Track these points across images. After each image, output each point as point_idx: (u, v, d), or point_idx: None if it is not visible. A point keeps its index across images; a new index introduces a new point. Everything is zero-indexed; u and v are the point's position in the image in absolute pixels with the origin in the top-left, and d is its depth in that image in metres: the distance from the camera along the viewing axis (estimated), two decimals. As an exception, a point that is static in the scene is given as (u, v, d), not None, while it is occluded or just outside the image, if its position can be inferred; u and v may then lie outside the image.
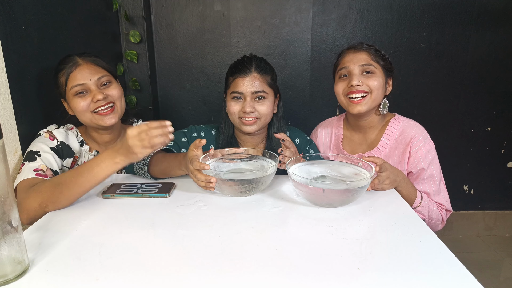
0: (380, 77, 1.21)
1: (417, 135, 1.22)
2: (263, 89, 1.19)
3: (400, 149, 1.24)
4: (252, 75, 1.18)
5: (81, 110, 1.17)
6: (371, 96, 1.20)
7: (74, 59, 1.18)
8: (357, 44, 1.24)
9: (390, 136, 1.26)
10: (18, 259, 0.65)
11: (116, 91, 1.22)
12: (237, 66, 1.22)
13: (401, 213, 0.90)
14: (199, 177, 0.94)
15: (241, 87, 1.18)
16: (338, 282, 0.63)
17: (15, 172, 1.16)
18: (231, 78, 1.22)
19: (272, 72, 1.25)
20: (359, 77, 1.20)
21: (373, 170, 0.95)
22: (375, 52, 1.22)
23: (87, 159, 1.25)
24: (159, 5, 1.93)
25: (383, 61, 1.22)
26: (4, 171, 0.62)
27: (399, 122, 1.28)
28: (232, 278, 0.64)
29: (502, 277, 1.97)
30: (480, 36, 2.00)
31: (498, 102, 2.12)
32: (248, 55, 1.25)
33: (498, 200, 2.32)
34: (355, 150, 1.33)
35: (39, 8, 1.27)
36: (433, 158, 1.22)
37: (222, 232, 0.81)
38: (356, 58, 1.21)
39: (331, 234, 0.80)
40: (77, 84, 1.15)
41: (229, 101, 1.23)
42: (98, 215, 0.90)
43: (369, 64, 1.20)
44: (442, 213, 1.24)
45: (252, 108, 1.18)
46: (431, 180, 1.21)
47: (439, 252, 0.72)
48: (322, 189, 0.90)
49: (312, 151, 1.35)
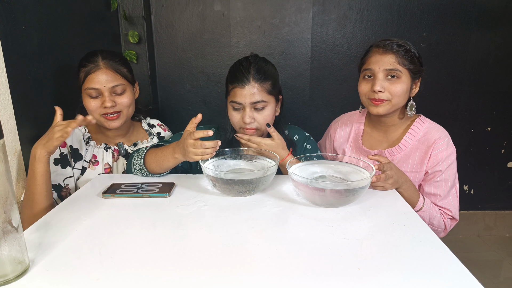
0: (405, 82, 1.18)
1: (441, 138, 1.21)
2: (262, 98, 1.16)
3: (422, 150, 1.23)
4: (250, 85, 1.14)
5: (90, 110, 1.23)
6: (391, 102, 1.19)
7: (97, 60, 1.21)
8: (387, 43, 1.18)
9: (413, 136, 1.25)
10: (18, 259, 0.65)
11: (127, 100, 1.26)
12: (235, 74, 1.17)
13: (402, 213, 0.91)
14: (197, 145, 1.00)
15: (239, 98, 1.15)
16: (339, 282, 0.63)
17: (15, 172, 1.16)
18: (230, 86, 1.19)
19: (273, 76, 1.20)
20: (382, 82, 1.17)
21: (374, 170, 0.95)
22: (404, 54, 1.16)
23: (97, 153, 1.30)
24: (159, 5, 1.93)
25: (412, 64, 1.17)
26: (5, 171, 0.62)
27: (424, 123, 1.26)
28: (232, 278, 0.64)
29: (502, 277, 1.97)
30: (480, 36, 2.00)
31: (498, 102, 2.12)
32: (249, 57, 1.22)
33: (498, 200, 2.32)
34: (375, 146, 1.32)
35: (39, 8, 1.27)
36: (452, 163, 1.21)
37: (222, 232, 0.81)
38: (382, 60, 1.17)
39: (332, 234, 0.79)
40: (92, 87, 1.20)
41: (229, 109, 1.21)
42: (98, 215, 0.90)
43: (395, 69, 1.16)
44: (446, 221, 1.22)
45: (252, 118, 1.16)
46: (443, 184, 1.21)
47: (440, 252, 0.72)
48: (322, 189, 0.90)
49: (309, 146, 1.34)
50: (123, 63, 1.27)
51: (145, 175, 1.14)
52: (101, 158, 1.30)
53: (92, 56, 1.22)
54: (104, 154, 1.30)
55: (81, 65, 1.22)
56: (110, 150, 1.31)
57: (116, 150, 1.32)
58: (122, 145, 1.33)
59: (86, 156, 1.28)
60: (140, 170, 1.13)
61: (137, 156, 1.15)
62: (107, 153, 1.31)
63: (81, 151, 1.27)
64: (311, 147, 1.35)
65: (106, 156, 1.30)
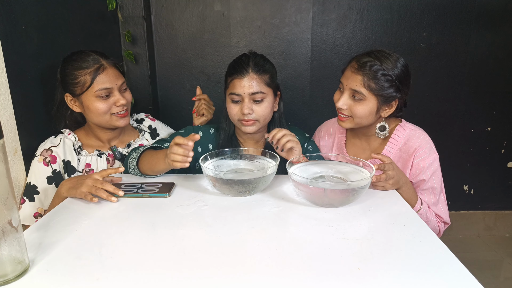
0: (368, 105, 1.14)
1: (421, 145, 1.19)
2: (261, 89, 1.17)
3: (404, 159, 1.21)
4: (249, 76, 1.16)
5: (101, 112, 1.19)
6: (354, 120, 1.18)
7: (98, 60, 1.18)
8: (362, 61, 1.13)
9: (394, 145, 1.23)
10: (18, 259, 0.65)
11: (130, 96, 1.27)
12: (234, 66, 1.20)
13: (402, 213, 0.91)
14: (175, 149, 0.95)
15: (238, 88, 1.17)
16: (338, 282, 0.63)
17: (15, 172, 1.16)
18: (229, 79, 1.21)
19: (271, 70, 1.22)
20: (346, 100, 1.16)
21: (373, 170, 0.95)
22: (379, 77, 1.10)
23: (90, 161, 1.26)
24: (159, 5, 1.93)
25: (382, 90, 1.11)
26: (5, 171, 0.62)
27: (404, 130, 1.23)
28: (232, 278, 0.64)
29: (502, 277, 1.97)
30: (480, 36, 2.00)
31: (498, 102, 2.12)
32: (247, 53, 1.23)
33: (498, 200, 2.32)
34: (358, 155, 1.30)
35: (39, 8, 1.27)
36: (436, 170, 1.19)
37: (222, 232, 0.81)
38: (351, 78, 1.14)
39: (331, 234, 0.79)
40: (104, 87, 1.17)
41: (228, 102, 1.22)
42: (98, 215, 0.90)
43: (359, 91, 1.13)
44: (440, 225, 1.23)
45: (250, 110, 1.17)
46: (431, 192, 1.20)
47: (440, 252, 0.72)
48: (322, 189, 0.90)
49: (311, 147, 1.34)
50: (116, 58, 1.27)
51: (138, 175, 1.14)
52: (95, 166, 1.26)
53: (88, 57, 1.17)
54: (98, 161, 1.27)
55: (79, 68, 1.16)
56: (104, 156, 1.28)
57: (111, 154, 1.30)
58: (116, 149, 1.30)
59: (79, 166, 1.25)
60: (134, 170, 1.13)
61: (133, 156, 1.14)
62: (101, 159, 1.27)
63: (73, 163, 1.24)
64: (313, 148, 1.35)
65: (101, 163, 1.27)
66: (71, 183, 1.01)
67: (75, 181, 1.01)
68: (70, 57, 1.20)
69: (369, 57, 1.13)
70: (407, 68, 1.15)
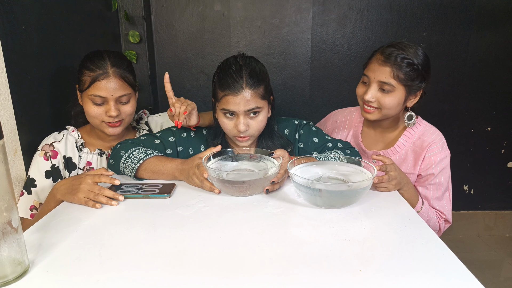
0: (397, 96, 1.16)
1: (435, 141, 1.21)
2: (257, 104, 1.09)
3: (416, 152, 1.23)
4: (244, 92, 1.07)
5: (91, 116, 1.20)
6: (381, 112, 1.20)
7: (106, 67, 1.16)
8: (389, 52, 1.14)
9: (408, 138, 1.25)
10: (18, 260, 0.65)
11: (130, 109, 1.24)
12: (226, 80, 1.09)
13: (403, 214, 0.90)
14: (205, 183, 1.04)
15: (233, 106, 1.08)
16: (340, 283, 0.63)
17: (15, 172, 1.15)
18: (220, 93, 1.10)
19: (265, 77, 1.13)
20: (375, 91, 1.18)
21: (375, 171, 0.95)
22: (403, 69, 1.13)
23: (91, 159, 1.27)
24: (159, 5, 1.93)
25: (410, 80, 1.14)
26: (5, 172, 0.62)
27: (420, 126, 1.26)
28: (233, 279, 0.64)
29: (502, 277, 1.97)
30: (480, 36, 2.00)
31: (498, 102, 2.12)
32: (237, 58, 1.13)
33: (498, 200, 2.32)
34: (371, 146, 1.32)
35: (39, 8, 1.26)
36: (445, 167, 1.22)
37: (223, 233, 0.80)
38: (379, 71, 1.16)
39: (333, 235, 0.79)
40: (98, 95, 1.16)
41: (220, 115, 1.14)
42: (98, 216, 0.90)
43: (388, 83, 1.14)
44: (441, 223, 1.23)
45: (246, 126, 1.11)
46: (436, 187, 1.21)
47: (441, 254, 0.72)
48: (323, 190, 0.89)
49: (302, 131, 1.26)
50: (130, 70, 1.23)
51: (131, 177, 1.13)
52: (95, 165, 1.27)
53: (100, 60, 1.17)
54: (98, 160, 1.28)
55: (87, 68, 1.17)
56: (104, 155, 1.29)
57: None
58: None
59: (80, 163, 1.26)
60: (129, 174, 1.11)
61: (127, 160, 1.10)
62: (101, 158, 1.28)
63: (74, 159, 1.24)
64: (304, 132, 1.26)
65: (101, 162, 1.28)
66: (66, 188, 0.99)
67: (69, 185, 0.98)
68: (89, 54, 1.21)
69: (393, 48, 1.15)
70: (427, 57, 1.18)
